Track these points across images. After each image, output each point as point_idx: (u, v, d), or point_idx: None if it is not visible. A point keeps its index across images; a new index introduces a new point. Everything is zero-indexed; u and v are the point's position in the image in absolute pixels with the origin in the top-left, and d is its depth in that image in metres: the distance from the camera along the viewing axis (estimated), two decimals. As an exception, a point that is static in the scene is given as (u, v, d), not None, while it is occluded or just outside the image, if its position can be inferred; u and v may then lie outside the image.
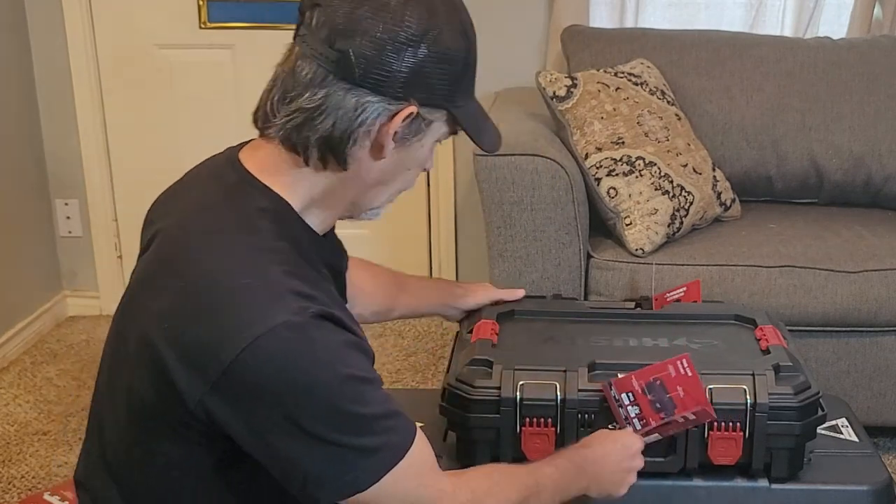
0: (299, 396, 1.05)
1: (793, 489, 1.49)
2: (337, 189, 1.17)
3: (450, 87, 1.13)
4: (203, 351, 1.05)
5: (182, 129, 3.15)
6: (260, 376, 1.04)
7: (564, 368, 1.47)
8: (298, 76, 1.12)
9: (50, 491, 2.09)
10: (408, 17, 1.08)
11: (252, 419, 1.07)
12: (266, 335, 1.03)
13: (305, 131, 1.11)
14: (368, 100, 1.10)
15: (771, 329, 1.63)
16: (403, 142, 1.14)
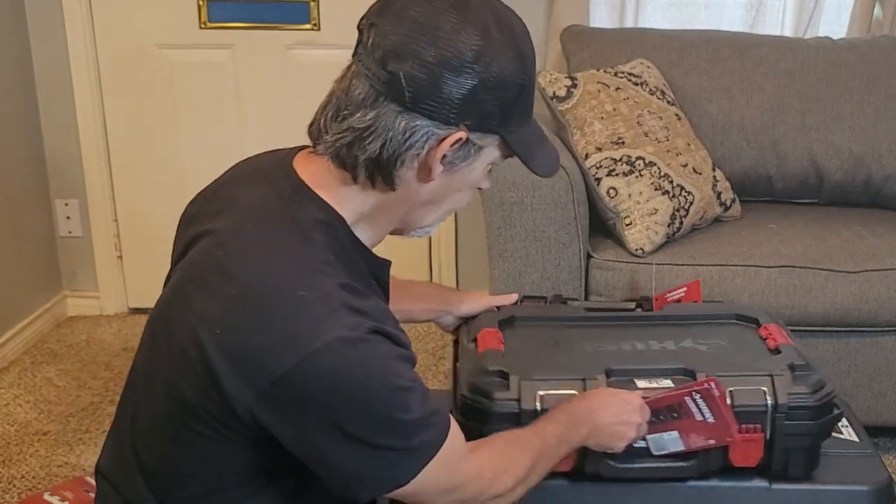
0: (350, 408, 1.08)
1: (793, 489, 1.49)
2: (386, 207, 1.19)
3: (502, 112, 1.13)
4: (257, 360, 1.07)
5: (182, 129, 3.15)
6: (313, 388, 1.06)
7: (582, 377, 1.45)
8: (352, 95, 1.12)
9: (50, 491, 2.09)
10: (461, 42, 1.08)
11: (301, 426, 1.09)
12: (322, 350, 1.05)
13: (355, 150, 1.13)
14: (418, 123, 1.10)
15: (776, 328, 1.63)
16: (452, 166, 1.15)
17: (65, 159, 3.17)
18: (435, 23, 1.08)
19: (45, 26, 3.05)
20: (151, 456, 1.23)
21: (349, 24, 1.15)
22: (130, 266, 3.29)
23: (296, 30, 3.05)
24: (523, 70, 1.13)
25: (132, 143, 3.17)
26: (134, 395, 1.27)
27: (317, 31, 3.03)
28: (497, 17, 1.12)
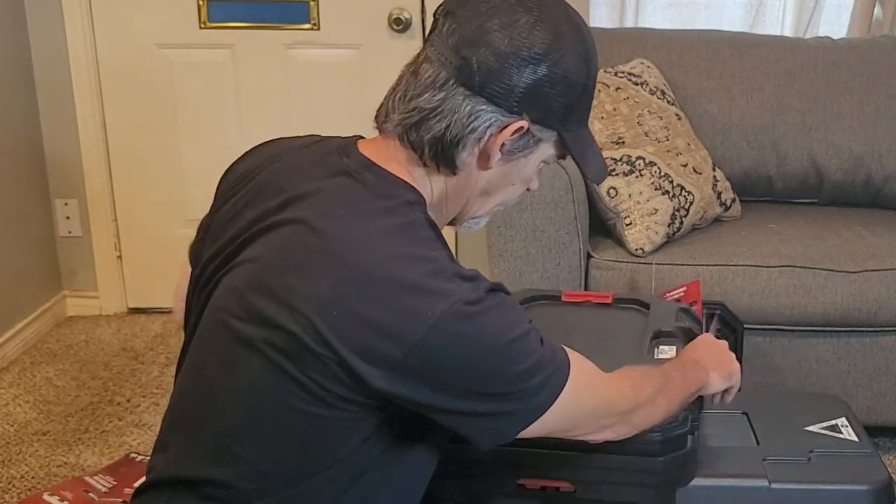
0: (482, 367, 1.10)
1: (793, 489, 1.49)
2: (449, 193, 1.23)
3: (564, 109, 1.17)
4: (386, 335, 1.07)
5: (182, 128, 3.15)
6: (446, 354, 1.08)
7: None
8: (421, 77, 1.16)
9: (49, 491, 2.09)
10: (535, 35, 1.13)
11: (435, 392, 1.11)
12: (448, 312, 1.07)
13: (421, 130, 1.16)
14: (483, 108, 1.14)
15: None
16: (510, 155, 1.19)
17: (64, 159, 3.17)
18: (511, 16, 1.13)
19: (44, 26, 3.05)
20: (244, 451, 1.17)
21: (349, 24, 1.17)
22: (130, 266, 3.29)
23: (295, 29, 3.05)
24: (588, 72, 1.18)
25: (132, 143, 3.17)
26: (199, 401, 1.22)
27: (316, 31, 3.03)
28: (569, 18, 1.17)
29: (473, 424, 1.15)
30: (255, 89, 3.10)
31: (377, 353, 1.08)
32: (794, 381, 2.30)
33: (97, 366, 2.89)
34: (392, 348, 1.07)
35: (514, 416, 1.15)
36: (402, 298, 1.08)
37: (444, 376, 1.10)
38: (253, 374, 1.14)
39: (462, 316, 1.08)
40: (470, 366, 1.10)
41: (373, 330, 1.08)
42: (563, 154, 1.23)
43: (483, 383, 1.11)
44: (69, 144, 3.14)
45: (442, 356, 1.08)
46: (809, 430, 1.64)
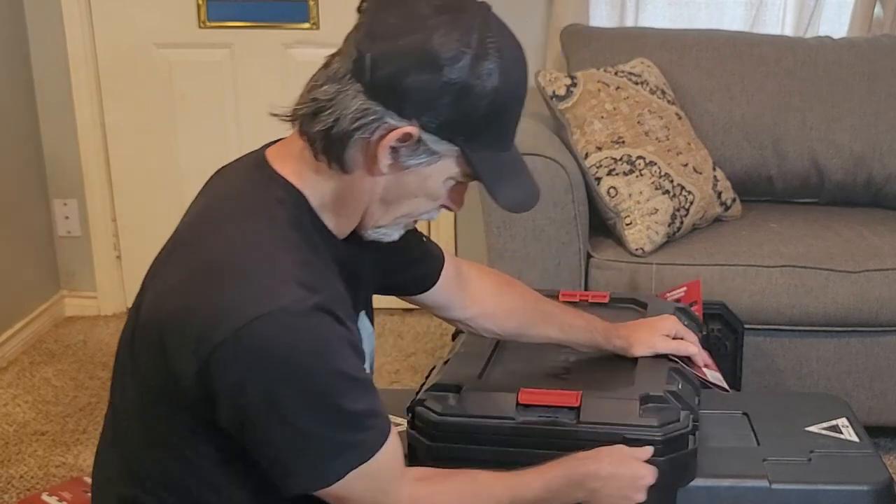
0: (287, 383, 1.06)
1: (793, 489, 1.48)
2: (345, 196, 1.17)
3: (465, 124, 1.09)
4: (199, 329, 1.06)
5: (181, 128, 3.15)
6: (250, 359, 1.05)
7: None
8: (328, 69, 1.13)
9: (48, 491, 2.09)
10: (437, 38, 1.05)
11: (237, 402, 1.07)
12: (263, 317, 1.04)
13: (314, 122, 1.12)
14: (372, 108, 1.08)
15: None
16: (402, 163, 1.11)
17: (63, 159, 3.16)
18: (421, 17, 1.06)
19: (43, 26, 3.05)
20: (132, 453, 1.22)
21: (348, 23, 1.16)
22: (129, 266, 3.28)
23: (295, 29, 3.05)
24: (498, 91, 1.08)
25: (131, 143, 3.17)
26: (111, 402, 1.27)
27: (316, 30, 3.03)
28: (487, 31, 1.08)
29: (264, 456, 1.10)
30: (255, 89, 3.09)
31: (190, 348, 1.07)
32: (794, 381, 2.30)
33: (96, 366, 2.89)
34: (203, 343, 1.06)
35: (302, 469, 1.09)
36: (226, 293, 1.07)
37: (246, 386, 1.05)
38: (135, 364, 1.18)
39: (279, 324, 1.04)
40: (275, 381, 1.05)
41: (192, 321, 1.07)
42: (471, 175, 1.14)
43: (284, 404, 1.06)
44: (68, 144, 3.14)
45: (247, 362, 1.05)
46: (810, 431, 1.63)
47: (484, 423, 1.42)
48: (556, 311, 1.60)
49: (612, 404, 1.44)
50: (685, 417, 1.43)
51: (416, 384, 1.59)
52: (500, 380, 1.54)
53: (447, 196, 1.18)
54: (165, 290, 1.13)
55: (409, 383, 2.74)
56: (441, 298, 1.50)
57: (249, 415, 1.08)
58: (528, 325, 1.56)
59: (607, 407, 1.43)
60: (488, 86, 1.07)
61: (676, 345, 1.63)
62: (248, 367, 1.05)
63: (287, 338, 1.05)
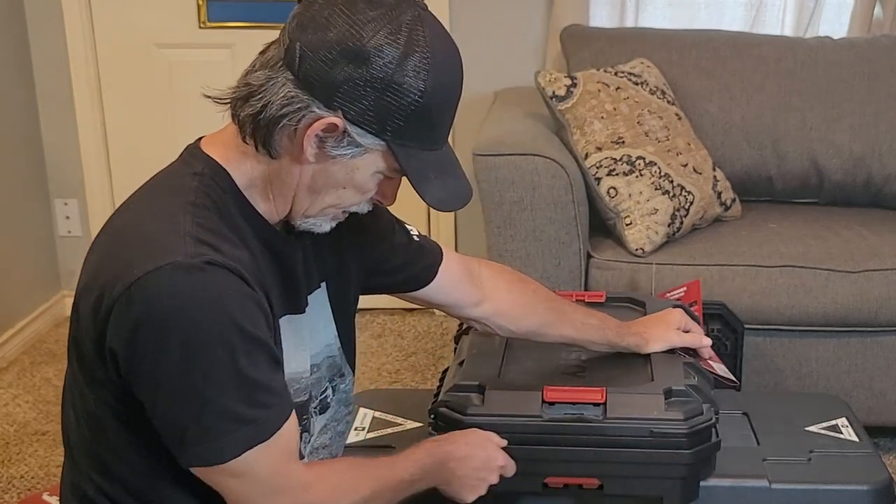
0: (179, 338, 1.05)
1: (793, 489, 1.49)
2: (273, 180, 1.17)
3: (392, 119, 1.09)
4: (100, 289, 1.08)
5: (181, 128, 3.14)
6: (143, 315, 1.05)
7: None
8: (264, 56, 1.14)
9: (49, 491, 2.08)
10: (367, 31, 1.06)
11: (133, 362, 1.07)
12: (154, 272, 1.05)
13: (245, 106, 1.13)
14: (299, 96, 1.09)
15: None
16: (328, 153, 1.12)
17: (64, 159, 3.17)
18: (353, 9, 1.07)
19: (44, 26, 3.05)
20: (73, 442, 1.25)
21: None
22: (130, 266, 3.28)
23: (295, 29, 3.05)
24: (424, 88, 1.08)
25: (131, 143, 3.17)
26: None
27: (316, 31, 3.03)
28: (418, 28, 1.09)
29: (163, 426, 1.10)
30: (255, 89, 3.09)
31: (96, 305, 1.09)
32: (794, 381, 2.30)
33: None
34: (103, 301, 1.07)
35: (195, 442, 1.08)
36: (122, 253, 1.09)
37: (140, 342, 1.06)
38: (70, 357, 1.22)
39: (173, 276, 1.04)
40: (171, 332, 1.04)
41: (97, 281, 1.09)
42: (399, 170, 1.14)
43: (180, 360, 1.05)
44: (69, 144, 3.14)
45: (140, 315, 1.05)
46: (810, 431, 1.64)
47: (511, 422, 1.42)
48: (570, 309, 1.61)
49: (636, 399, 1.45)
50: (708, 410, 1.44)
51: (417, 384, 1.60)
52: (519, 379, 1.55)
53: (377, 190, 1.19)
54: (86, 263, 1.17)
55: (409, 383, 2.74)
56: (447, 297, 1.50)
57: (145, 376, 1.08)
58: (545, 325, 1.57)
59: (632, 402, 1.44)
60: (414, 84, 1.08)
61: (690, 338, 1.64)
62: (139, 323, 1.05)
63: (176, 289, 1.05)
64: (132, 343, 1.06)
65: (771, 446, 1.58)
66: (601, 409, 1.43)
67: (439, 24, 1.13)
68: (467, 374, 1.54)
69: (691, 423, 1.41)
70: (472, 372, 1.55)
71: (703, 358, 1.66)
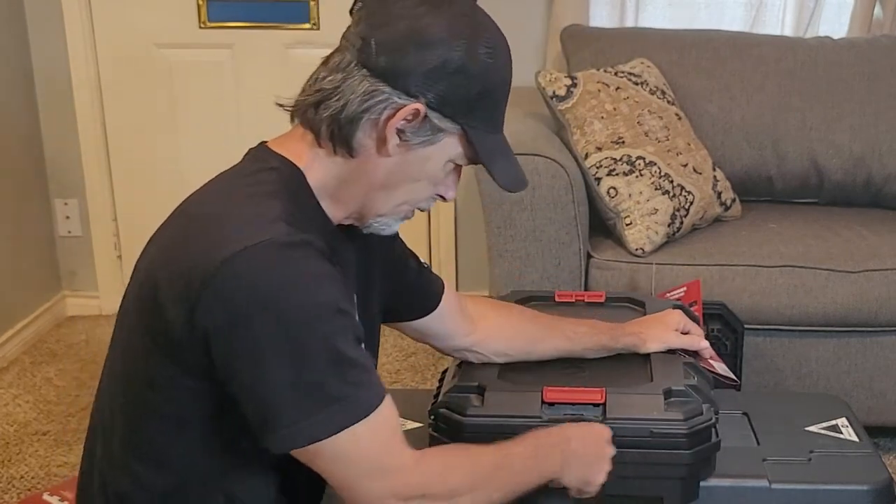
0: (274, 315, 1.05)
1: (793, 489, 1.48)
2: (347, 180, 1.19)
3: (463, 102, 1.15)
4: (188, 270, 1.08)
5: (181, 128, 3.15)
6: (239, 291, 1.05)
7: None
8: (330, 63, 1.18)
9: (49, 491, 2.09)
10: (434, 21, 1.13)
11: (227, 339, 1.07)
12: (251, 248, 1.06)
13: (321, 110, 1.16)
14: (380, 88, 1.14)
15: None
16: (408, 142, 1.16)
17: (64, 159, 3.17)
18: (415, 6, 1.14)
19: (44, 26, 3.05)
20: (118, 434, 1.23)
21: (348, 24, 1.18)
22: (130, 266, 3.24)
23: (295, 29, 3.05)
24: (489, 70, 1.15)
25: (132, 143, 3.17)
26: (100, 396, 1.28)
27: (316, 31, 3.03)
28: (476, 17, 1.17)
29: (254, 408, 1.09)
30: (255, 89, 3.09)
31: (182, 291, 1.08)
32: (794, 381, 2.30)
33: (97, 366, 2.88)
34: (195, 279, 1.07)
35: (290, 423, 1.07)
36: (213, 233, 1.10)
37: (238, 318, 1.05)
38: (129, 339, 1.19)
39: (270, 252, 1.06)
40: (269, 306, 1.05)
41: (182, 267, 1.09)
42: (471, 156, 1.20)
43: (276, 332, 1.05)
44: (69, 144, 3.14)
45: (238, 288, 1.05)
46: (810, 431, 1.63)
47: (511, 423, 1.41)
48: (558, 322, 1.61)
49: (636, 399, 1.45)
50: (707, 410, 1.44)
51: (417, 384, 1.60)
52: (519, 380, 1.55)
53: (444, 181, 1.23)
54: (158, 252, 1.17)
55: (409, 383, 2.75)
56: (444, 326, 1.52)
57: (240, 352, 1.07)
58: (535, 341, 1.58)
59: (631, 402, 1.44)
60: (482, 66, 1.15)
61: (688, 339, 1.64)
62: (234, 299, 1.05)
63: (272, 266, 1.06)
64: (228, 318, 1.06)
65: (771, 446, 1.57)
66: (600, 409, 1.43)
67: (487, 14, 1.20)
68: (467, 374, 1.54)
69: (691, 424, 1.41)
70: (472, 373, 1.55)
71: (703, 358, 1.66)
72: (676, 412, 1.42)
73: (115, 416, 1.23)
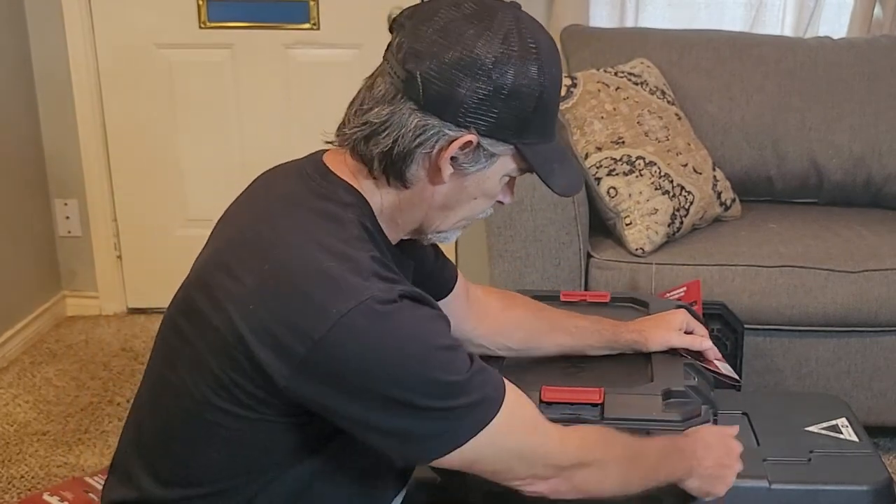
0: (390, 370, 1.08)
1: (793, 489, 1.49)
2: (403, 208, 1.21)
3: (517, 123, 1.14)
4: (292, 330, 1.07)
5: (181, 128, 3.15)
6: (350, 352, 1.07)
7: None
8: (374, 91, 1.16)
9: (49, 491, 2.08)
10: (481, 48, 1.10)
11: (342, 394, 1.09)
12: (355, 310, 1.06)
13: (371, 145, 1.16)
14: (430, 122, 1.13)
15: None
16: (463, 169, 1.16)
17: (64, 159, 3.17)
18: (459, 28, 1.11)
19: (44, 26, 3.05)
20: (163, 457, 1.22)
21: (349, 24, 1.18)
22: (130, 266, 3.29)
23: (295, 29, 3.05)
24: (542, 84, 1.13)
25: (131, 143, 3.17)
26: (147, 395, 1.28)
27: (316, 31, 3.03)
28: (521, 29, 1.13)
29: (383, 439, 1.12)
30: (255, 89, 3.10)
31: (283, 348, 1.08)
32: (794, 381, 2.30)
33: (97, 366, 2.89)
34: (296, 343, 1.07)
35: (426, 439, 1.12)
36: (313, 292, 1.08)
37: (348, 378, 1.08)
38: (184, 368, 1.18)
39: (371, 314, 1.06)
40: (376, 368, 1.07)
41: (281, 323, 1.08)
42: (526, 167, 1.19)
43: (390, 388, 1.08)
44: (69, 144, 3.14)
45: (346, 354, 1.06)
46: (810, 431, 1.63)
47: None
48: (562, 316, 1.62)
49: (634, 400, 1.45)
50: (706, 412, 1.45)
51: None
52: (516, 379, 1.53)
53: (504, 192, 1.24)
54: (240, 294, 1.12)
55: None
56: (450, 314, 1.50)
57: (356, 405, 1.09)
58: (538, 336, 1.58)
59: (630, 402, 1.44)
60: (535, 84, 1.13)
61: (691, 339, 1.63)
62: (349, 360, 1.07)
63: (381, 328, 1.07)
64: (339, 383, 1.08)
65: (771, 446, 1.57)
66: (598, 409, 1.43)
67: (533, 18, 1.17)
68: None
69: (688, 425, 1.41)
70: None
71: (707, 358, 1.66)
72: (674, 413, 1.42)
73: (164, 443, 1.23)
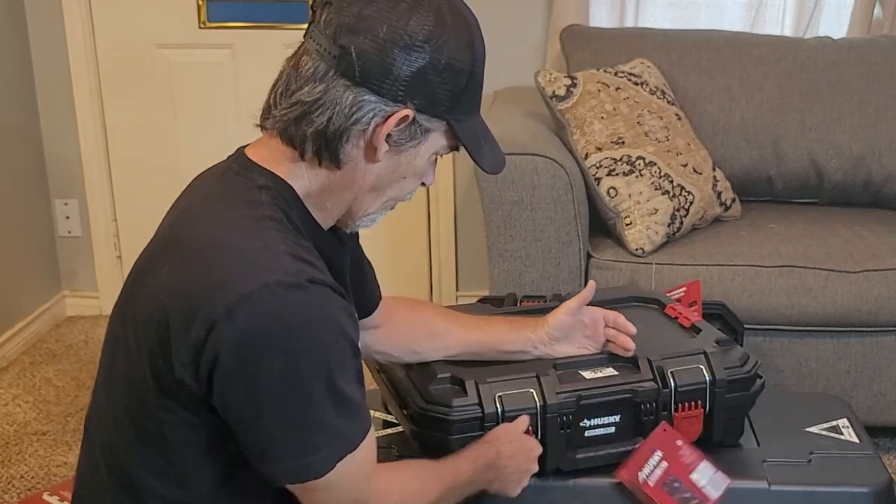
0: (286, 358, 1.05)
1: (793, 490, 1.49)
2: (333, 189, 1.18)
3: (451, 98, 1.14)
4: (196, 309, 1.06)
5: (181, 128, 3.15)
6: (248, 333, 1.04)
7: (535, 374, 1.46)
8: (301, 71, 1.14)
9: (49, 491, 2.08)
10: (415, 21, 1.10)
11: (235, 380, 1.06)
12: (258, 291, 1.04)
13: (303, 125, 1.13)
14: (366, 98, 1.11)
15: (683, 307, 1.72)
16: (398, 147, 1.15)
17: (64, 159, 3.17)
18: (390, 4, 1.10)
19: (44, 26, 3.05)
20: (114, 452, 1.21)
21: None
22: (129, 266, 3.27)
23: (295, 29, 3.04)
24: (473, 59, 1.14)
25: (131, 143, 3.17)
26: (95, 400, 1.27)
27: (316, 31, 3.03)
28: (451, 4, 1.14)
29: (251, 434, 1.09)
30: (255, 89, 3.05)
31: (188, 330, 1.06)
32: (794, 381, 2.30)
33: (96, 366, 2.89)
34: (200, 324, 1.05)
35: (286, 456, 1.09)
36: (219, 272, 1.07)
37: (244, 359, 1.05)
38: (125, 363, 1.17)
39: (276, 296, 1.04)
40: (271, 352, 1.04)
41: (188, 306, 1.06)
42: (454, 145, 1.19)
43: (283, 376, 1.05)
44: (69, 144, 3.14)
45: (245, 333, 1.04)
46: (810, 431, 1.64)
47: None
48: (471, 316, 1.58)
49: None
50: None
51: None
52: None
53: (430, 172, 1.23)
54: (158, 285, 1.12)
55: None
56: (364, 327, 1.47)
57: (246, 394, 1.07)
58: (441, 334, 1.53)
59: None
60: (467, 59, 1.14)
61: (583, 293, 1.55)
62: (244, 342, 1.04)
63: (282, 308, 1.05)
64: (235, 362, 1.05)
65: (771, 447, 1.58)
66: None
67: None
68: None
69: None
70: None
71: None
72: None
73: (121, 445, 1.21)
